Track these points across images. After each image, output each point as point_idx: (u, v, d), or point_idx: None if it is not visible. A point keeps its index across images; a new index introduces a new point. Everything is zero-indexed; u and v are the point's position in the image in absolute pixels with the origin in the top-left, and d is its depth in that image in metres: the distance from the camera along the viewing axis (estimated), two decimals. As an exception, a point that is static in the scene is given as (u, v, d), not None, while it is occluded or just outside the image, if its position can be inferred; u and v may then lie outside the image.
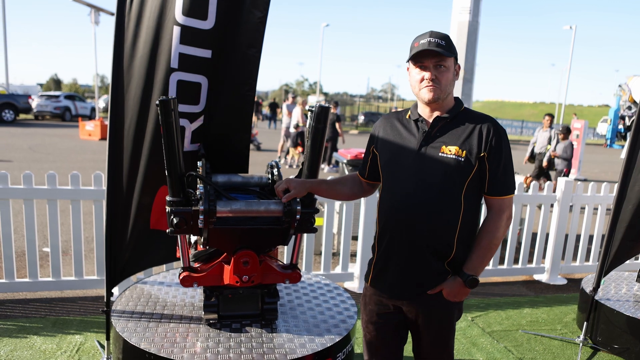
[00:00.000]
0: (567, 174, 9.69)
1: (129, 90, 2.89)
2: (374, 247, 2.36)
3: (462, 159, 2.08)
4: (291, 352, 2.51)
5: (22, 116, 26.34)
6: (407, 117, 2.28)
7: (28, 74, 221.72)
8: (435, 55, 2.06)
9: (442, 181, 2.10)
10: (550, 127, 10.53)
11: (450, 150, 2.10)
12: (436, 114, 2.17)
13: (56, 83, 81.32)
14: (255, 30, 2.98)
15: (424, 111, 2.20)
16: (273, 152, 17.32)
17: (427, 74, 2.09)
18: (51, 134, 19.80)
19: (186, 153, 3.05)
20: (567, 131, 9.81)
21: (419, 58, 2.10)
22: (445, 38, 2.09)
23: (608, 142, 29.66)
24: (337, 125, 13.53)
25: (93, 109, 28.88)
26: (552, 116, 10.75)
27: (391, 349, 2.42)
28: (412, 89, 2.19)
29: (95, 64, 27.20)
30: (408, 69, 2.19)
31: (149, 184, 3.02)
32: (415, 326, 2.30)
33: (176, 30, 2.75)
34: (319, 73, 45.81)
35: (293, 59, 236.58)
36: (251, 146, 18.73)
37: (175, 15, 2.74)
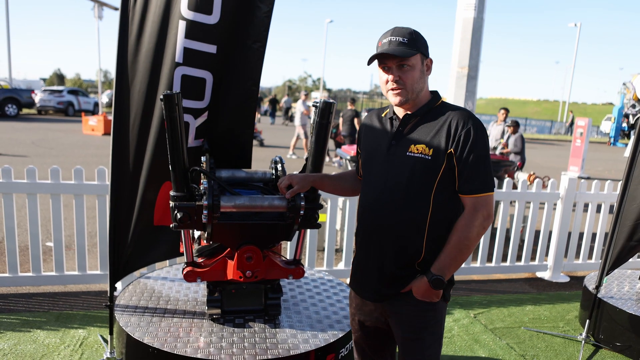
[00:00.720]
0: (520, 168, 9.76)
1: (133, 85, 2.89)
2: (355, 246, 2.32)
3: (429, 157, 2.00)
4: (294, 348, 2.52)
5: (25, 111, 26.37)
6: (384, 115, 2.23)
7: (31, 68, 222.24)
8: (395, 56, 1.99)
9: (409, 181, 2.04)
10: (505, 121, 10.58)
11: (417, 149, 2.03)
12: (407, 111, 2.11)
13: (59, 78, 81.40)
14: (261, 25, 2.98)
15: (398, 109, 2.14)
16: (276, 148, 17.32)
17: (390, 76, 2.02)
18: (54, 129, 19.82)
19: (190, 149, 3.05)
20: (516, 125, 9.91)
21: (381, 59, 2.03)
22: (409, 34, 2.00)
23: (611, 140, 29.47)
24: (355, 121, 13.56)
25: (96, 104, 28.89)
26: (507, 110, 10.82)
27: (377, 350, 2.38)
28: (382, 89, 2.12)
29: (99, 59, 27.25)
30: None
31: (153, 180, 3.03)
32: (392, 327, 2.23)
33: (181, 24, 2.76)
34: (322, 69, 45.82)
35: (296, 54, 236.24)
36: (254, 142, 18.76)
37: (180, 10, 2.75)
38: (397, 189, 2.06)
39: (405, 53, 1.97)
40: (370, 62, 2.05)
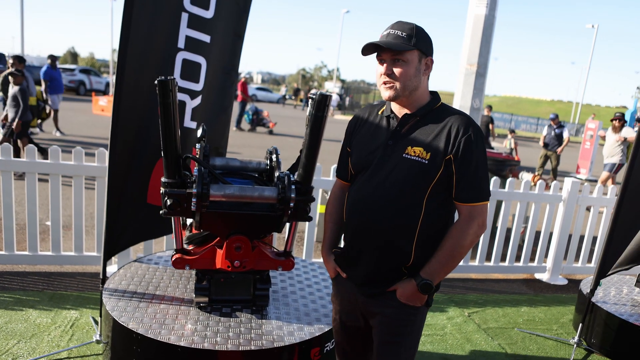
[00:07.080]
0: None
1: (138, 66, 3.03)
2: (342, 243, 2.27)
3: (426, 161, 1.93)
4: (279, 340, 2.52)
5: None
6: (380, 112, 2.14)
7: (44, 45, 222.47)
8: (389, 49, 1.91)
9: (402, 183, 1.97)
10: None
11: (414, 152, 1.95)
12: (405, 111, 2.02)
13: (73, 56, 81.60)
14: (241, 21, 3.72)
15: (395, 107, 2.06)
16: (284, 137, 17.30)
17: (382, 69, 1.96)
18: (65, 107, 19.80)
19: (186, 129, 3.25)
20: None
21: (378, 51, 1.95)
22: (409, 30, 1.92)
23: (622, 143, 29.33)
24: (490, 126, 13.70)
25: (107, 84, 29.00)
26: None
27: (358, 352, 2.32)
28: (376, 82, 2.04)
29: (111, 39, 27.33)
30: None
31: (148, 158, 3.23)
32: (372, 328, 2.17)
33: (184, 16, 3.27)
34: (337, 60, 45.75)
35: (312, 43, 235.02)
36: (263, 129, 18.77)
37: (184, 3, 3.26)
38: (390, 190, 1.99)
39: (398, 46, 1.89)
40: (364, 52, 1.98)
